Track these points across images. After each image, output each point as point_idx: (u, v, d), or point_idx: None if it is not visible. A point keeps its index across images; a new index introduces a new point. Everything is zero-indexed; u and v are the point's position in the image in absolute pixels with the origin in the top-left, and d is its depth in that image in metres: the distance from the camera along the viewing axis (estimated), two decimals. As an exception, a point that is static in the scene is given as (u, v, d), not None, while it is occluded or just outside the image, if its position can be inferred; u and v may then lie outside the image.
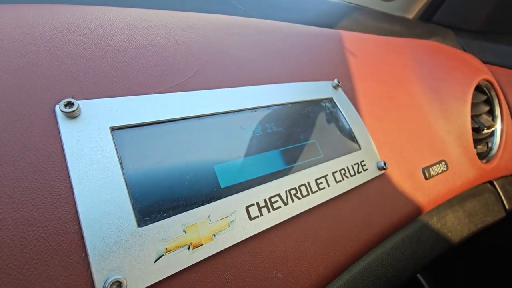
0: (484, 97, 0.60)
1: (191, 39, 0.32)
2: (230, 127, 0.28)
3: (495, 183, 0.57)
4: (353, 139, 0.36)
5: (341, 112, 0.37)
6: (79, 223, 0.18)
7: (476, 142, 0.54)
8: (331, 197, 0.30)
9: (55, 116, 0.21)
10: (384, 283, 0.35)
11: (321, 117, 0.35)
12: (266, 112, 0.31)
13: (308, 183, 0.29)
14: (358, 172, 0.34)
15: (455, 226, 0.46)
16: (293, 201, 0.27)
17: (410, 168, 0.41)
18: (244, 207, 0.24)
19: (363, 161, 0.35)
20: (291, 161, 0.29)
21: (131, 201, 0.20)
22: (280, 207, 0.26)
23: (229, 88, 0.30)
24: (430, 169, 0.43)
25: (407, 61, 0.55)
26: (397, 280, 0.36)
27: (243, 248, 0.23)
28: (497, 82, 0.64)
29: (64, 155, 0.19)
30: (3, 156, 0.18)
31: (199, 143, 0.25)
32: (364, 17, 0.65)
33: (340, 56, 0.45)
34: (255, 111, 0.30)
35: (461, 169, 0.48)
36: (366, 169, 0.35)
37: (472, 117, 0.55)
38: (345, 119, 0.37)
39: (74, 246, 0.18)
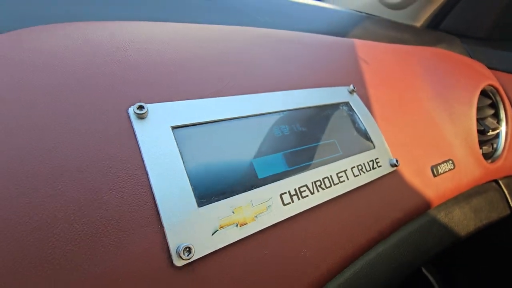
0: (489, 101, 0.64)
1: (225, 50, 0.37)
2: (263, 127, 0.32)
3: (500, 182, 0.61)
4: (368, 139, 0.40)
5: (357, 115, 0.41)
6: (155, 202, 0.23)
7: (482, 143, 0.58)
8: (350, 189, 0.34)
9: (129, 117, 0.25)
10: (394, 270, 0.38)
11: (339, 119, 0.39)
12: (292, 114, 0.35)
13: (330, 176, 0.33)
14: (373, 168, 0.38)
15: (462, 221, 0.49)
16: (318, 191, 0.31)
17: (420, 165, 0.45)
18: (279, 194, 0.29)
19: (377, 158, 0.39)
20: (315, 157, 0.34)
21: (191, 187, 0.25)
22: (307, 195, 0.31)
23: (261, 94, 0.34)
24: (438, 167, 0.47)
25: (416, 67, 0.58)
26: (406, 268, 0.40)
27: (278, 229, 0.28)
28: (502, 87, 0.67)
29: (139, 149, 0.24)
30: (95, 150, 0.23)
31: (240, 140, 0.30)
32: (374, 26, 0.69)
33: (353, 63, 0.50)
34: (283, 113, 0.35)
35: (467, 168, 0.52)
36: (380, 166, 0.39)
37: (478, 120, 0.58)
38: (361, 121, 0.41)
39: (152, 220, 0.22)
